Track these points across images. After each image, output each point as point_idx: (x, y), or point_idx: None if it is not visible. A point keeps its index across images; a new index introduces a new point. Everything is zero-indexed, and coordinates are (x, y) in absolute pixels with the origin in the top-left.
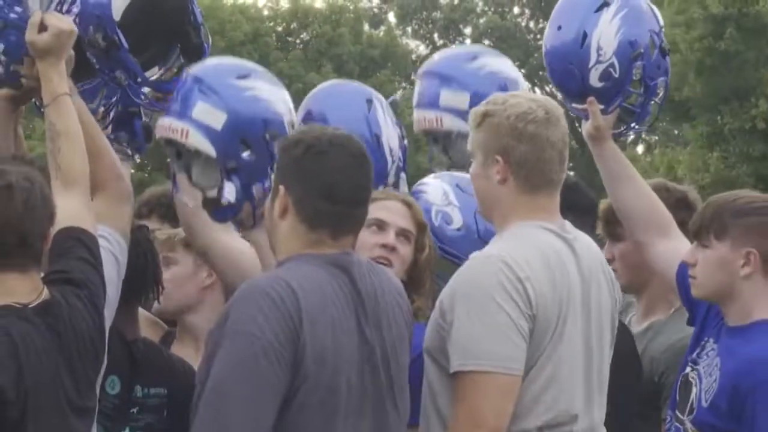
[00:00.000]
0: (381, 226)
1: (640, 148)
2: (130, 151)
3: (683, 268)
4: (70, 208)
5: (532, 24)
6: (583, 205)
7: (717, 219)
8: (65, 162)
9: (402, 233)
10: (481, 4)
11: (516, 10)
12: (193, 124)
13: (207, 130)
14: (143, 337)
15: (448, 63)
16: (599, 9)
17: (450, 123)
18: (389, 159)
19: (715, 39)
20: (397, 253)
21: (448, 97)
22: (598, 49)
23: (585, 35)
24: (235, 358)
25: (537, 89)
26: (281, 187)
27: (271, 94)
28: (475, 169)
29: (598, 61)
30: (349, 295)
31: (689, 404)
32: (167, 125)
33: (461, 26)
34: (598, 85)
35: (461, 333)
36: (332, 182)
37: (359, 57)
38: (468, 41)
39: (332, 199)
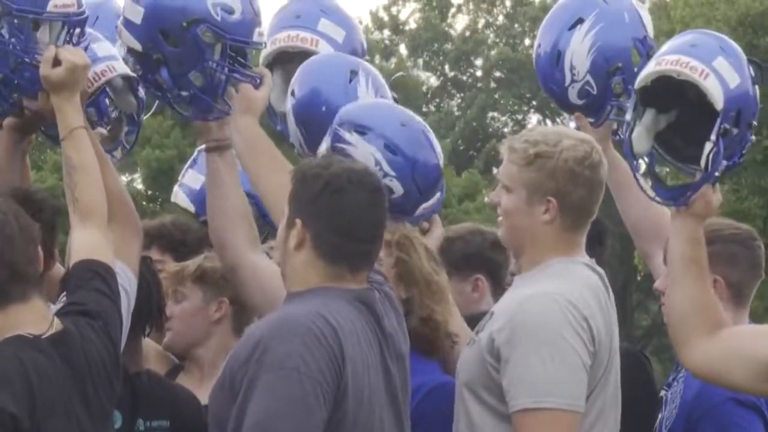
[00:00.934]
0: None
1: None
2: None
3: None
4: (88, 241)
5: None
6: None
7: None
8: (82, 195)
9: None
10: (492, 35)
11: (527, 41)
12: (124, 22)
13: (131, 26)
14: (146, 369)
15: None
16: (573, 26)
17: (324, 48)
18: None
19: None
20: None
21: (328, 25)
22: (572, 68)
23: (559, 54)
24: (280, 394)
25: (548, 121)
26: (298, 221)
27: None
28: (516, 204)
29: (573, 81)
30: (375, 332)
31: (654, 429)
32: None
33: (472, 58)
34: (579, 102)
35: (528, 371)
36: (350, 220)
37: None
38: (479, 73)
39: (350, 237)
